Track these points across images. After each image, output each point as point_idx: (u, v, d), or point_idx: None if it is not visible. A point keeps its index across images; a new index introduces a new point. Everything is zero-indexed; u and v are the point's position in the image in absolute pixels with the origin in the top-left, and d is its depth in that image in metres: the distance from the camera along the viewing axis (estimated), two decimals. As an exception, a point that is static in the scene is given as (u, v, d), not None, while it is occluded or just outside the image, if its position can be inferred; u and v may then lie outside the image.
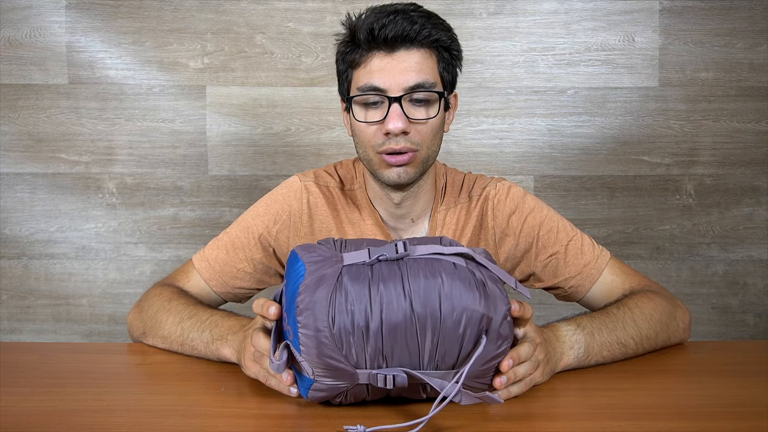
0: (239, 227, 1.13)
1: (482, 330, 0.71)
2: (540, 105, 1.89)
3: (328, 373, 0.72)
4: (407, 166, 1.02)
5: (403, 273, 0.72)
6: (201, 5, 1.86)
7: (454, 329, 0.70)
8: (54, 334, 1.91)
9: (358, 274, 0.72)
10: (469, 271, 0.73)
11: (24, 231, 1.90)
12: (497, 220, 1.10)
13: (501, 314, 0.72)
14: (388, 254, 0.74)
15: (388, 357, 0.71)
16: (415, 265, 0.73)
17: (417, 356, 0.71)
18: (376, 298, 0.70)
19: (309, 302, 0.70)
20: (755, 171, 1.89)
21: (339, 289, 0.71)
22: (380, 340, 0.70)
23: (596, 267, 1.07)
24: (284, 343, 0.74)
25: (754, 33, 1.86)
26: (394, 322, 0.70)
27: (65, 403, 0.79)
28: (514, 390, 0.79)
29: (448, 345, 0.71)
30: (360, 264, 0.73)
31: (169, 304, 1.02)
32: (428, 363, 0.72)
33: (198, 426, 0.73)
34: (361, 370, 0.71)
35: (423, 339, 0.71)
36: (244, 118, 1.88)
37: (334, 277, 0.71)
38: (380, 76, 0.99)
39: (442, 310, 0.70)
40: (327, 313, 0.69)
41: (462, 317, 0.70)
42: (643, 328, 0.95)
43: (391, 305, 0.70)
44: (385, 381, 0.71)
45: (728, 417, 0.74)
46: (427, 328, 0.70)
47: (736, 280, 1.91)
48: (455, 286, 0.71)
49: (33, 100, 1.87)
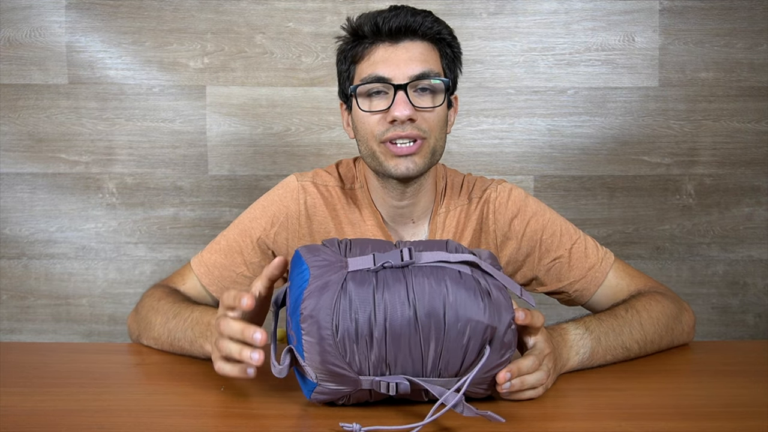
0: (237, 230, 1.11)
1: (486, 340, 0.71)
2: (540, 105, 1.88)
3: (331, 379, 0.72)
4: (415, 156, 1.00)
5: (407, 280, 0.71)
6: (201, 5, 1.86)
7: (458, 339, 0.70)
8: (54, 334, 1.91)
9: (362, 280, 0.71)
10: (474, 279, 0.73)
11: (24, 231, 1.90)
12: (499, 223, 1.09)
13: (505, 324, 0.72)
14: (393, 261, 0.73)
15: (392, 364, 0.71)
16: (420, 273, 0.72)
17: (420, 364, 0.71)
18: (380, 306, 0.70)
19: (313, 309, 0.70)
20: (755, 171, 1.89)
21: (343, 296, 0.70)
22: (384, 347, 0.70)
23: (601, 270, 1.06)
24: (287, 348, 0.75)
25: (754, 33, 1.86)
26: (397, 330, 0.70)
27: (65, 403, 0.79)
28: (528, 394, 0.78)
29: (451, 354, 0.71)
30: (365, 270, 0.73)
31: (158, 304, 1.02)
32: (431, 371, 0.72)
33: (198, 426, 0.73)
34: (364, 377, 0.71)
35: (426, 347, 0.71)
36: (244, 118, 1.88)
37: (338, 283, 0.71)
38: (385, 66, 0.98)
39: (446, 319, 0.70)
40: (331, 320, 0.69)
41: (466, 328, 0.70)
42: (649, 332, 0.95)
43: (396, 313, 0.70)
44: (388, 388, 0.71)
45: (728, 417, 0.74)
46: (431, 336, 0.70)
47: (736, 280, 1.91)
48: (460, 296, 0.71)
49: (33, 100, 1.87)
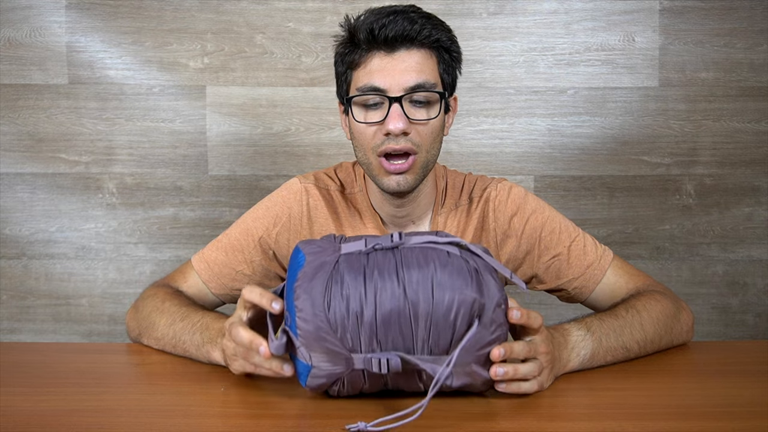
0: (239, 229, 1.12)
1: (474, 314, 0.73)
2: (540, 105, 1.88)
3: (324, 358, 0.73)
4: (406, 174, 1.01)
5: (397, 261, 0.75)
6: (201, 5, 1.86)
7: (446, 315, 0.72)
8: (54, 334, 1.91)
9: (354, 262, 0.75)
10: (463, 259, 0.75)
11: (24, 231, 1.90)
12: (498, 221, 1.09)
13: (494, 301, 0.74)
14: (383, 243, 0.76)
15: (383, 342, 0.73)
16: (410, 254, 0.75)
17: (411, 342, 0.73)
18: (371, 286, 0.73)
19: (306, 287, 0.73)
20: (755, 171, 1.89)
21: (335, 276, 0.74)
22: (374, 325, 0.72)
23: (599, 267, 1.06)
24: (282, 328, 0.76)
25: (754, 33, 1.86)
26: (387, 309, 0.72)
27: (65, 403, 0.79)
28: (524, 387, 0.79)
29: (441, 330, 0.73)
30: (356, 253, 0.76)
31: (163, 305, 1.02)
32: (422, 348, 0.74)
33: (198, 426, 0.73)
34: (356, 355, 0.73)
35: (416, 325, 0.73)
36: (244, 118, 1.88)
37: (331, 264, 0.75)
38: (380, 77, 0.98)
39: (434, 296, 0.73)
40: (323, 298, 0.73)
41: (453, 302, 0.72)
42: (649, 332, 0.95)
43: (385, 292, 0.73)
44: (380, 365, 0.73)
45: (728, 417, 0.74)
46: (420, 314, 0.72)
47: (736, 280, 1.91)
48: (447, 272, 0.73)
49: (33, 100, 1.87)
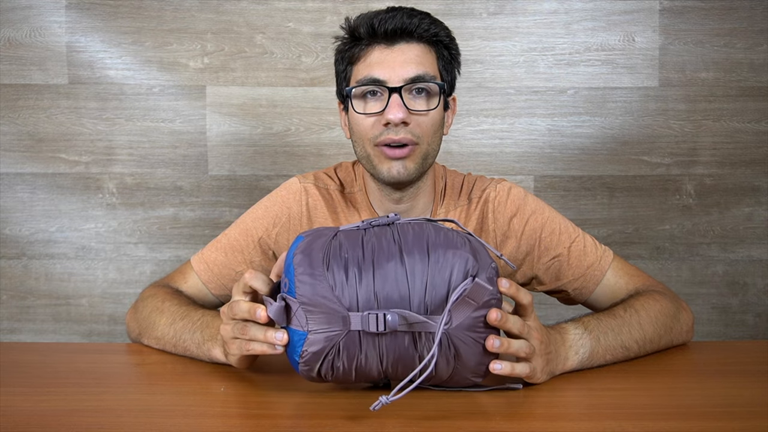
0: (238, 230, 1.12)
1: (468, 272, 0.76)
2: (540, 105, 1.88)
3: (322, 319, 0.74)
4: (406, 160, 1.01)
5: (393, 232, 0.79)
6: (201, 5, 1.86)
7: (442, 270, 0.75)
8: (54, 334, 1.91)
9: (352, 234, 0.80)
10: (455, 232, 0.80)
11: (24, 231, 1.90)
12: (498, 222, 1.10)
13: (487, 267, 0.76)
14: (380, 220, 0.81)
15: (379, 297, 0.74)
16: (406, 226, 0.80)
17: (407, 300, 0.75)
18: (368, 246, 0.77)
19: (305, 248, 0.77)
20: (755, 171, 1.89)
21: (333, 242, 0.78)
22: (371, 283, 0.74)
23: (600, 268, 1.06)
24: (280, 296, 0.77)
25: (754, 33, 1.86)
26: (384, 263, 0.75)
27: (65, 403, 0.79)
28: (518, 368, 0.79)
29: (437, 287, 0.75)
30: (354, 228, 0.81)
31: (162, 305, 1.02)
32: (418, 306, 0.75)
33: (198, 426, 0.73)
34: (353, 313, 0.74)
35: (413, 279, 0.75)
36: (244, 118, 1.88)
37: (330, 236, 0.79)
38: (380, 68, 0.99)
39: (429, 251, 0.76)
40: (322, 257, 0.76)
41: (447, 255, 0.76)
42: (648, 332, 0.95)
43: (382, 250, 0.76)
44: (377, 322, 0.73)
45: (728, 417, 0.74)
46: (416, 268, 0.75)
47: (736, 280, 1.91)
48: (442, 235, 0.78)
49: (33, 100, 1.87)
